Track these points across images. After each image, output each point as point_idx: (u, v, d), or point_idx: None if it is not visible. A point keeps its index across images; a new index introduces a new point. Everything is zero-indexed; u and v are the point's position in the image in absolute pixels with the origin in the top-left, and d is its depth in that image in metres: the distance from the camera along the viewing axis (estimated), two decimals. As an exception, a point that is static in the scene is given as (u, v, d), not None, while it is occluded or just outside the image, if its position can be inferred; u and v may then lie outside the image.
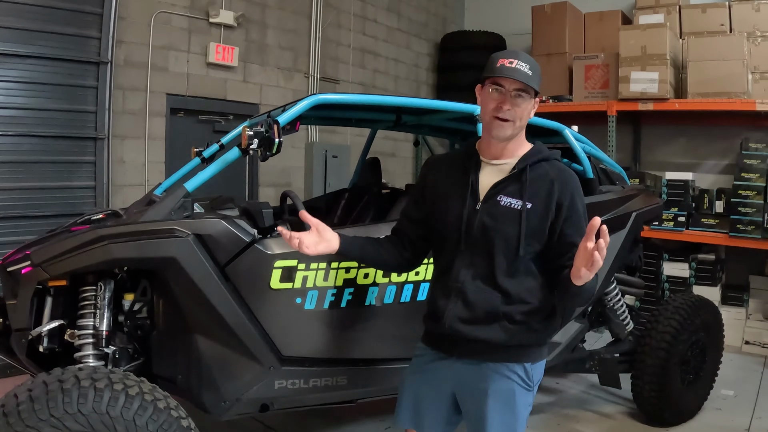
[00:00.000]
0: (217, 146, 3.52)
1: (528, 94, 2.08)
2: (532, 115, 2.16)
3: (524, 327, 2.12)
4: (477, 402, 2.16)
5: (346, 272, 2.83)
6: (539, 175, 2.12)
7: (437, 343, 2.26)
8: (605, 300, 4.12)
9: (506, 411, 2.14)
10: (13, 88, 4.55)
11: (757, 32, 5.93)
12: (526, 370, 2.16)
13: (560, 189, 2.09)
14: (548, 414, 4.25)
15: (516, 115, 2.08)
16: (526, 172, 2.12)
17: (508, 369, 2.14)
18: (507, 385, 2.14)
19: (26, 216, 4.61)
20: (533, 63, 2.10)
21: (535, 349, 2.19)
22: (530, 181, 2.11)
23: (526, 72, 2.05)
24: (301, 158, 6.72)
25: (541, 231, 2.08)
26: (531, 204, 2.08)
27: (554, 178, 2.11)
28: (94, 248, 2.45)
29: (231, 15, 5.85)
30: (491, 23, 8.45)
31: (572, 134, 3.83)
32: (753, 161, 5.57)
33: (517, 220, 2.08)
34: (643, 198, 4.12)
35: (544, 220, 2.08)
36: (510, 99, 2.06)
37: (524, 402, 2.19)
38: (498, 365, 2.14)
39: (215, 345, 2.65)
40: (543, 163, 2.15)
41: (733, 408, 4.39)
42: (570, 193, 2.10)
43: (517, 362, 2.14)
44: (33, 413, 2.02)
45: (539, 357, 2.21)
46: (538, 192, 2.09)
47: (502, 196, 2.11)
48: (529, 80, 2.05)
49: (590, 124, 6.31)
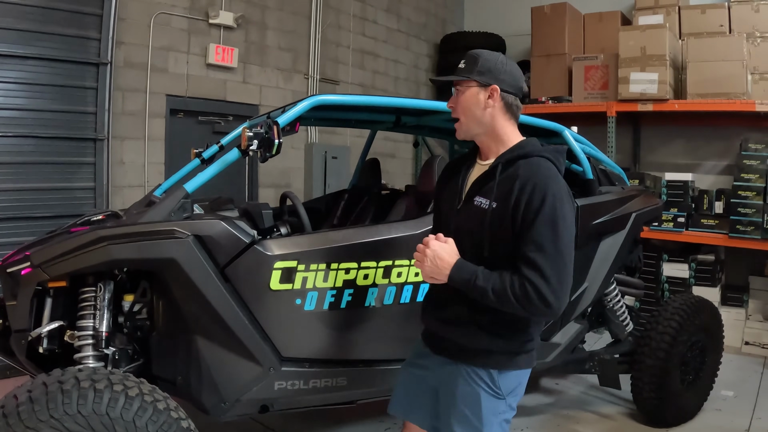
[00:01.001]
0: (216, 147, 3.52)
1: (462, 85, 2.09)
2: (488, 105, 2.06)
3: (491, 332, 2.07)
4: (448, 400, 2.17)
5: (346, 273, 2.83)
6: (509, 174, 2.03)
7: (425, 339, 2.32)
8: (605, 301, 4.12)
9: (471, 415, 2.10)
10: (12, 89, 4.55)
11: (757, 33, 5.93)
12: (492, 377, 2.10)
13: (519, 187, 1.97)
14: (548, 414, 4.25)
15: (457, 111, 2.11)
16: (497, 171, 2.06)
17: (474, 372, 2.11)
18: (472, 389, 2.11)
19: (26, 217, 4.61)
20: (471, 55, 2.11)
21: (502, 357, 2.10)
22: (500, 180, 2.04)
23: (459, 67, 2.10)
24: (300, 159, 6.72)
25: (504, 233, 1.99)
26: (497, 204, 2.01)
27: (519, 176, 2.00)
28: (93, 249, 2.45)
29: (230, 16, 5.85)
30: (491, 24, 8.46)
31: (572, 135, 3.83)
32: (752, 162, 5.57)
33: (482, 220, 2.03)
34: (642, 199, 4.13)
35: (503, 221, 1.98)
36: (453, 98, 2.13)
37: (492, 408, 2.10)
38: (466, 367, 2.12)
39: (215, 346, 2.64)
40: (519, 161, 2.05)
41: (732, 408, 4.39)
42: (529, 193, 1.95)
43: (482, 367, 2.10)
44: (33, 414, 2.02)
45: (509, 365, 2.12)
46: (502, 191, 2.01)
47: (477, 197, 2.08)
48: (458, 73, 2.09)
49: (590, 125, 6.32)
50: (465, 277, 1.96)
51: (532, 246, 1.91)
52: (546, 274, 1.89)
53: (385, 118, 4.07)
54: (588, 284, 3.74)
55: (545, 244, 1.91)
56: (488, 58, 2.09)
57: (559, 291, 1.90)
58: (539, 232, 1.91)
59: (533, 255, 1.91)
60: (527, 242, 1.93)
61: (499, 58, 2.10)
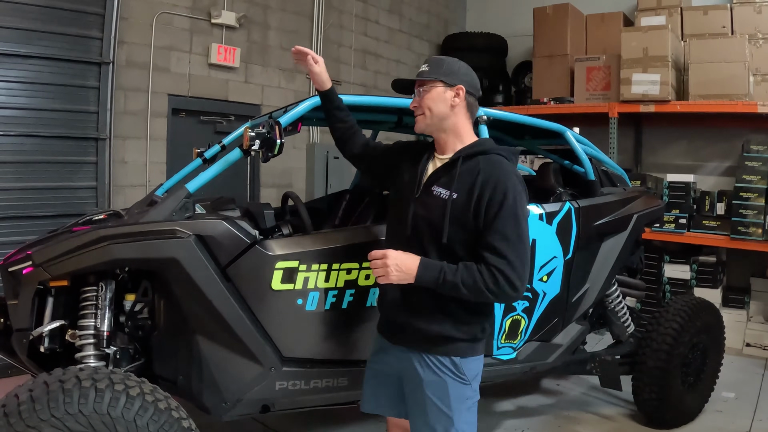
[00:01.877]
0: (218, 147, 3.52)
1: (427, 85, 2.26)
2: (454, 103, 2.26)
3: (454, 319, 2.22)
4: (415, 389, 2.29)
5: (348, 273, 2.83)
6: (469, 168, 2.21)
7: (383, 329, 2.44)
8: (606, 302, 4.12)
9: (440, 403, 2.23)
10: (14, 89, 4.56)
11: (759, 34, 5.93)
12: (455, 364, 2.23)
13: (483, 181, 2.15)
14: (549, 416, 4.25)
15: (422, 104, 2.27)
16: (458, 164, 2.22)
17: (438, 360, 2.24)
18: (439, 377, 2.24)
19: (28, 216, 4.62)
20: (434, 59, 2.32)
21: (464, 344, 2.25)
22: (460, 173, 2.21)
23: (422, 70, 2.29)
24: (302, 159, 6.72)
25: (465, 221, 2.16)
26: (457, 194, 2.18)
27: (481, 171, 2.18)
28: (95, 249, 2.45)
29: (233, 16, 5.86)
30: (493, 25, 8.46)
31: (574, 136, 3.83)
32: (754, 163, 5.57)
33: (442, 209, 2.18)
34: (644, 200, 4.13)
35: (466, 211, 2.16)
36: (416, 97, 2.30)
37: (459, 394, 2.25)
38: (429, 356, 2.25)
39: (216, 346, 2.64)
40: (479, 157, 2.23)
41: (733, 410, 4.38)
42: (492, 187, 2.14)
43: (445, 355, 2.23)
44: (34, 413, 2.02)
45: (470, 352, 2.27)
46: (465, 183, 2.19)
47: (435, 187, 2.25)
48: (423, 75, 2.27)
49: (592, 126, 6.32)
50: (433, 275, 2.11)
51: (497, 236, 2.10)
52: (511, 260, 2.09)
53: (387, 119, 4.07)
54: (589, 285, 3.74)
55: (509, 234, 2.11)
56: (452, 62, 2.31)
57: (523, 274, 2.12)
58: (503, 224, 2.11)
59: (498, 244, 2.10)
60: (492, 233, 2.11)
61: (461, 64, 2.33)
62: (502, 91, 8.18)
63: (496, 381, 3.56)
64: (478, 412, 2.34)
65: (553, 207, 3.46)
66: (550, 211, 3.42)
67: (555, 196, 3.71)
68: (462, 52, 8.17)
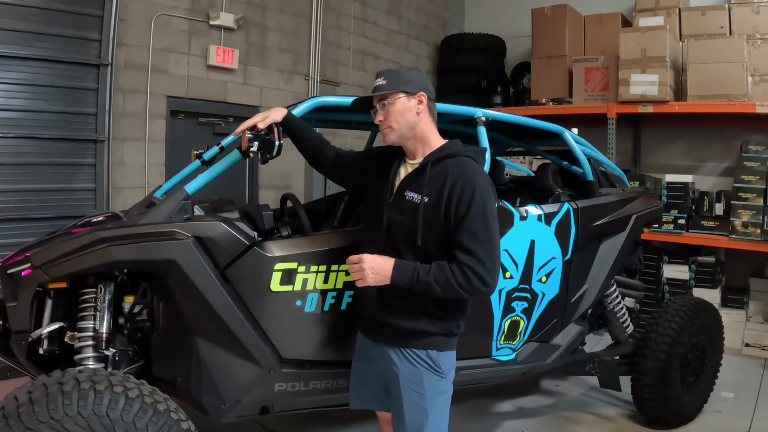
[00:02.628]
0: (217, 149, 3.51)
1: (390, 97, 2.33)
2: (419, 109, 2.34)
3: (430, 315, 2.33)
4: (393, 384, 2.41)
5: (347, 275, 2.82)
6: (439, 171, 2.30)
7: (362, 328, 2.58)
8: (605, 302, 4.12)
9: (415, 393, 2.34)
10: (13, 90, 4.56)
11: (757, 34, 5.94)
12: (431, 357, 2.35)
13: (452, 182, 2.25)
14: (548, 416, 4.25)
15: (388, 119, 2.33)
16: (427, 169, 2.32)
17: (414, 354, 2.35)
18: (414, 369, 2.35)
19: (26, 218, 4.61)
20: (390, 71, 2.37)
21: (439, 338, 2.36)
22: (430, 177, 2.30)
23: (380, 84, 2.33)
24: (301, 161, 6.64)
25: (437, 223, 2.25)
26: (428, 198, 2.27)
27: (449, 172, 2.28)
28: (94, 250, 2.45)
29: (231, 17, 5.86)
30: (491, 26, 8.47)
31: (572, 137, 3.84)
32: (753, 163, 5.57)
33: (415, 213, 2.28)
34: (642, 200, 4.13)
35: (437, 213, 2.25)
36: (379, 111, 2.37)
37: (434, 387, 2.36)
38: (407, 351, 2.36)
39: (215, 347, 2.64)
40: (447, 160, 2.32)
41: (733, 410, 4.39)
42: (460, 187, 2.23)
43: (421, 348, 2.35)
44: (33, 415, 2.02)
45: (445, 346, 2.39)
46: (434, 187, 2.28)
47: (407, 192, 2.34)
48: (383, 89, 2.32)
49: (590, 127, 6.33)
50: (407, 275, 2.22)
51: (466, 235, 2.20)
52: (481, 258, 2.19)
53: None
54: (588, 286, 3.75)
55: (478, 233, 2.21)
56: (407, 71, 2.37)
57: (493, 271, 2.22)
58: (472, 223, 2.21)
59: (468, 243, 2.20)
60: (462, 232, 2.21)
61: (413, 71, 2.40)
62: (501, 92, 8.19)
63: (495, 382, 3.56)
64: (478, 413, 2.36)
65: (551, 208, 3.46)
66: (548, 212, 3.42)
67: (554, 197, 3.71)
68: (460, 53, 8.18)
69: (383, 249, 2.32)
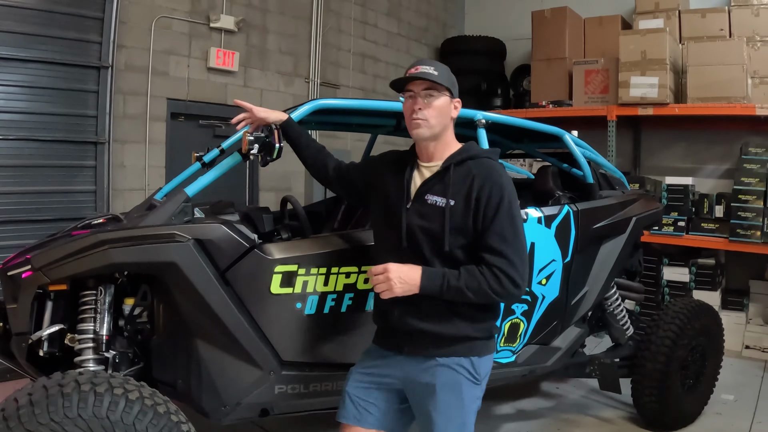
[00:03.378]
0: (217, 151, 3.51)
1: (438, 91, 2.22)
2: (453, 114, 2.30)
3: (468, 319, 2.23)
4: (426, 396, 2.24)
5: (347, 277, 2.83)
6: (463, 174, 2.23)
7: (387, 341, 2.37)
8: (605, 305, 4.12)
9: (454, 405, 2.22)
10: (13, 93, 4.57)
11: (757, 37, 5.94)
12: (473, 364, 2.24)
13: (479, 185, 2.18)
14: (548, 419, 4.25)
15: (429, 114, 2.21)
16: (450, 171, 2.23)
17: (455, 363, 2.23)
18: (454, 379, 2.23)
19: (27, 220, 4.62)
20: (439, 65, 2.26)
21: (481, 342, 2.27)
22: (454, 180, 2.22)
23: (431, 72, 2.20)
24: (301, 163, 6.70)
25: (465, 226, 2.18)
26: (454, 201, 2.19)
27: (475, 174, 2.21)
28: (94, 253, 2.45)
29: (231, 20, 5.86)
30: (491, 28, 8.47)
31: (572, 139, 3.84)
32: (753, 166, 5.58)
33: (441, 217, 2.19)
34: (642, 203, 4.13)
35: (465, 216, 2.18)
36: (421, 100, 2.21)
37: (471, 395, 2.26)
38: (446, 359, 2.23)
39: (215, 349, 2.64)
40: (468, 162, 2.25)
41: (733, 412, 4.38)
42: (488, 189, 2.17)
43: (464, 356, 2.23)
44: (33, 417, 2.02)
45: (485, 351, 2.29)
46: (460, 189, 2.20)
47: (429, 195, 2.25)
48: (435, 78, 2.19)
49: (590, 129, 6.34)
50: (437, 282, 2.13)
51: (495, 236, 2.14)
52: (512, 259, 2.13)
53: (386, 123, 4.08)
54: (588, 288, 3.75)
55: (506, 234, 2.15)
56: (449, 71, 2.28)
57: (523, 271, 2.15)
58: (500, 224, 2.15)
59: (497, 244, 2.14)
60: (491, 234, 2.15)
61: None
62: (501, 94, 8.20)
63: (495, 384, 3.56)
64: (478, 415, 2.35)
65: (551, 210, 3.46)
66: (548, 215, 3.42)
67: (554, 200, 3.71)
68: (460, 56, 8.18)
69: (403, 257, 2.21)
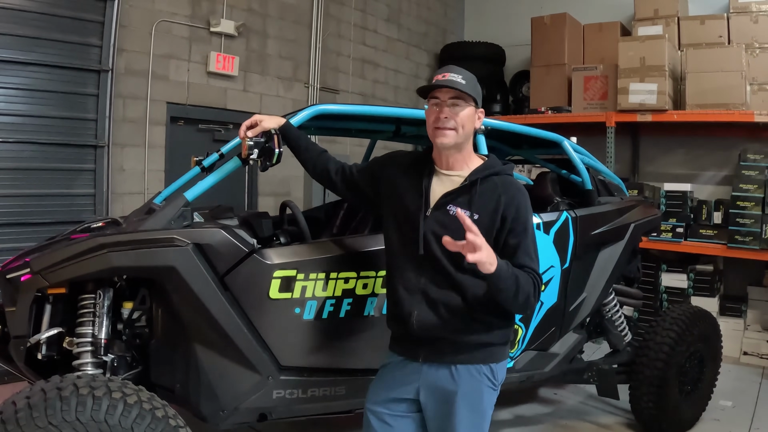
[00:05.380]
0: (216, 155, 3.52)
1: (464, 101, 2.21)
2: (477, 124, 2.29)
3: (486, 325, 2.24)
4: (444, 404, 2.24)
5: (345, 283, 2.83)
6: (488, 189, 2.24)
7: (404, 348, 2.35)
8: (603, 311, 4.12)
9: (474, 412, 2.24)
10: (13, 96, 4.57)
11: (756, 44, 5.96)
12: (492, 371, 2.26)
13: (506, 202, 2.20)
14: (546, 425, 4.25)
15: (456, 123, 2.20)
16: (477, 185, 2.23)
17: (476, 370, 2.24)
18: (476, 387, 2.24)
19: (26, 223, 4.62)
20: (467, 74, 2.25)
21: (498, 349, 2.29)
22: (479, 194, 2.22)
23: (459, 81, 2.20)
24: (300, 168, 6.62)
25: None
26: (478, 215, 2.18)
27: (502, 192, 2.23)
28: (93, 256, 2.45)
29: (232, 24, 5.87)
30: (491, 34, 8.49)
31: (571, 145, 3.85)
32: (751, 172, 5.59)
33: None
34: (641, 209, 4.14)
35: (489, 231, 2.17)
36: (447, 108, 2.20)
37: (490, 402, 2.30)
38: (467, 367, 2.23)
39: (214, 354, 2.64)
40: (493, 177, 2.27)
41: (731, 419, 4.39)
42: (515, 207, 2.20)
43: (483, 363, 2.25)
44: (31, 421, 2.02)
45: (503, 356, 2.32)
46: (485, 204, 2.21)
47: (451, 206, 2.23)
48: (462, 87, 2.19)
49: (589, 136, 6.35)
50: (507, 270, 2.04)
51: (525, 256, 2.17)
52: (537, 275, 2.16)
53: (385, 128, 4.09)
54: (586, 294, 3.75)
55: (531, 251, 2.20)
56: (476, 81, 2.28)
57: (541, 287, 2.19)
58: (527, 243, 2.19)
59: (529, 263, 2.16)
60: (520, 250, 2.17)
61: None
62: (500, 100, 8.20)
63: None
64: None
65: (550, 216, 3.47)
66: (547, 221, 3.42)
67: (552, 206, 3.72)
68: (460, 62, 8.09)
69: (419, 265, 2.23)
